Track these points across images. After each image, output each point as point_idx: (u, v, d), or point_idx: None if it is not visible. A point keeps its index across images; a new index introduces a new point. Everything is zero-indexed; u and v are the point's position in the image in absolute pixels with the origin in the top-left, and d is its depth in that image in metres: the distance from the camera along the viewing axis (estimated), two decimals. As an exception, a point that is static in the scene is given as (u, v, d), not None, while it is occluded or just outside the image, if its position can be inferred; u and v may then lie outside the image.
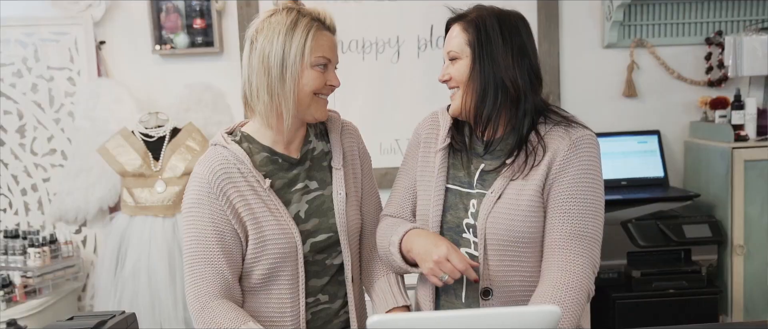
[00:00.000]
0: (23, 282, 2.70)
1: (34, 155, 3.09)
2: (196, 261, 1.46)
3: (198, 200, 1.47)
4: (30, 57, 3.05)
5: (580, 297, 1.36)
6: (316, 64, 1.45)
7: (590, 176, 1.40)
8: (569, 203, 1.39)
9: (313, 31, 1.44)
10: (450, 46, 1.45)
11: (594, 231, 1.40)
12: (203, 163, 1.49)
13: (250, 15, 3.09)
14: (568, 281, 1.36)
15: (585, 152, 1.40)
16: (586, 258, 1.39)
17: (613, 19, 3.03)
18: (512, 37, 1.43)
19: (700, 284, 2.77)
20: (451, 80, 1.46)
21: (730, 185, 2.79)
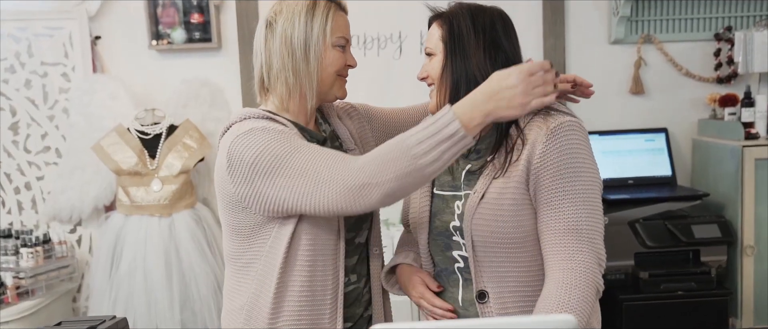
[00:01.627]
0: (15, 283, 2.64)
1: (27, 152, 3.03)
2: (325, 153, 1.36)
3: (286, 134, 1.38)
4: (23, 52, 2.99)
5: (588, 295, 1.30)
6: (336, 44, 1.47)
7: (574, 165, 1.32)
8: (556, 198, 1.32)
9: (332, 12, 1.46)
10: (427, 43, 1.45)
11: (589, 222, 1.33)
12: (265, 129, 1.37)
13: (248, 10, 3.02)
14: (572, 279, 1.30)
15: (564, 139, 1.32)
16: (587, 253, 1.32)
17: (620, 15, 2.96)
18: (485, 32, 1.40)
19: (710, 285, 2.71)
20: (428, 77, 1.44)
21: (740, 184, 2.72)
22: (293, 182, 1.34)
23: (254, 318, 1.43)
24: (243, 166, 1.36)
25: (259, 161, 1.35)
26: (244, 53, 3.05)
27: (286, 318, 1.42)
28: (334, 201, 1.32)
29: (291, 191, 1.34)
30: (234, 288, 1.48)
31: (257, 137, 1.36)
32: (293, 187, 1.34)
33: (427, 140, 1.25)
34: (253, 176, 1.36)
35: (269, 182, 1.35)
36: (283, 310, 1.42)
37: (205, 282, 2.78)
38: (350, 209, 1.32)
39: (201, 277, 2.77)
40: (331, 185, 1.31)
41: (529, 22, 3.05)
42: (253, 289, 1.44)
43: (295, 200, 1.35)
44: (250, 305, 1.44)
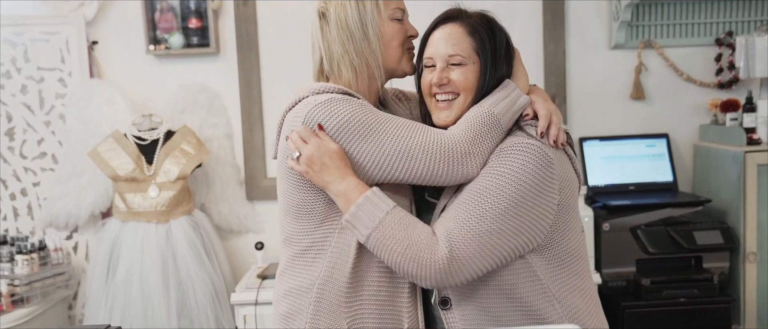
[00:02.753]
0: (10, 291, 2.60)
1: (23, 158, 3.00)
2: (417, 123, 1.38)
3: (360, 107, 1.37)
4: (19, 57, 2.96)
5: (413, 237, 1.30)
6: (393, 17, 1.46)
7: (506, 182, 1.29)
8: (470, 195, 1.32)
9: None
10: (453, 50, 1.39)
11: (487, 230, 1.28)
12: (346, 99, 1.37)
13: (247, 15, 3.00)
14: (427, 227, 1.34)
15: (507, 157, 1.32)
16: (454, 241, 1.29)
17: (620, 19, 2.95)
18: (504, 44, 1.42)
19: (712, 292, 2.69)
20: (449, 84, 1.39)
21: (742, 190, 2.70)
22: (387, 148, 1.34)
23: (327, 295, 1.38)
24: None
25: (344, 127, 1.34)
26: (243, 58, 3.03)
27: (364, 297, 1.38)
28: (431, 169, 1.34)
29: (382, 160, 1.34)
30: (301, 268, 1.42)
31: (341, 105, 1.35)
32: (387, 153, 1.34)
33: (509, 112, 1.37)
34: (340, 141, 1.34)
35: (356, 147, 1.35)
36: (360, 288, 1.38)
37: (203, 289, 2.75)
38: (447, 178, 1.35)
39: (198, 284, 2.74)
40: (428, 153, 1.33)
41: (530, 26, 3.03)
42: (326, 265, 1.38)
43: (386, 169, 1.35)
44: (322, 282, 1.38)
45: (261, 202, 3.10)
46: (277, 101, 3.03)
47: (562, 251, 1.37)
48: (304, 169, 1.35)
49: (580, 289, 1.40)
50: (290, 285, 1.43)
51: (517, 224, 1.30)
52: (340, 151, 1.34)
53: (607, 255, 2.73)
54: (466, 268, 1.29)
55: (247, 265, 3.06)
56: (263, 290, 2.61)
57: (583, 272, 1.42)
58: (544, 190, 1.31)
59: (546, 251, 1.36)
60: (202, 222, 2.90)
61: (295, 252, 1.43)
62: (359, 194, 1.32)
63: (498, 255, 1.31)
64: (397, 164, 1.34)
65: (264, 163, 3.08)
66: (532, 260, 1.35)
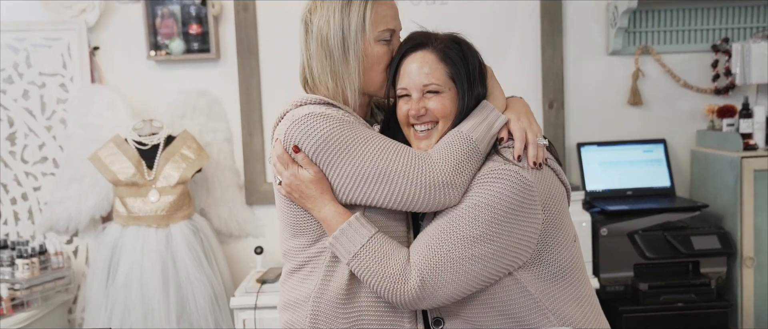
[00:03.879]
0: (10, 295, 2.62)
1: (24, 163, 3.02)
2: (398, 145, 1.35)
3: (349, 123, 1.34)
4: (21, 63, 2.98)
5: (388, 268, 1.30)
6: (379, 38, 1.37)
7: (482, 210, 1.28)
8: (447, 221, 1.30)
9: (371, 3, 1.36)
10: (428, 79, 1.35)
11: (458, 257, 1.28)
12: (324, 115, 1.31)
13: (247, 21, 3.03)
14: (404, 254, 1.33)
15: (483, 185, 1.30)
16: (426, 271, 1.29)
17: (618, 26, 2.97)
18: (476, 64, 1.40)
19: (710, 297, 2.70)
20: (427, 114, 1.37)
21: (739, 195, 2.72)
22: (365, 169, 1.30)
23: (323, 306, 1.37)
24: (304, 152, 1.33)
25: (321, 147, 1.30)
26: (243, 64, 3.05)
27: (362, 309, 1.38)
28: (411, 195, 1.30)
29: (360, 181, 1.30)
30: (298, 281, 1.42)
31: (318, 123, 1.31)
32: (364, 175, 1.30)
33: (486, 136, 1.34)
34: (317, 160, 1.32)
35: (334, 168, 1.31)
36: (356, 301, 1.37)
37: (203, 293, 2.76)
38: (425, 206, 1.32)
39: (198, 288, 2.75)
40: (409, 179, 1.30)
41: (527, 33, 3.06)
42: (321, 279, 1.38)
43: (363, 190, 1.31)
44: (317, 294, 1.37)
45: (260, 206, 3.11)
46: (277, 107, 3.02)
47: (554, 265, 1.36)
48: (286, 194, 1.38)
49: (576, 298, 1.39)
50: (288, 297, 1.44)
51: (493, 248, 1.29)
52: (316, 177, 1.33)
53: (605, 259, 2.74)
54: (439, 294, 1.30)
55: (246, 269, 3.08)
56: (263, 294, 2.63)
57: (579, 280, 1.41)
58: (522, 213, 1.30)
59: (536, 267, 1.35)
60: (202, 227, 2.91)
61: (293, 266, 1.44)
62: (340, 221, 1.32)
63: (474, 280, 1.30)
64: (374, 186, 1.31)
65: (263, 168, 3.09)
66: (520, 276, 1.34)
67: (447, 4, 3.05)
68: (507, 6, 3.04)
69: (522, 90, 3.07)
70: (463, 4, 3.04)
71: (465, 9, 3.04)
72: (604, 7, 3.07)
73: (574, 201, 2.75)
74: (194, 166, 2.85)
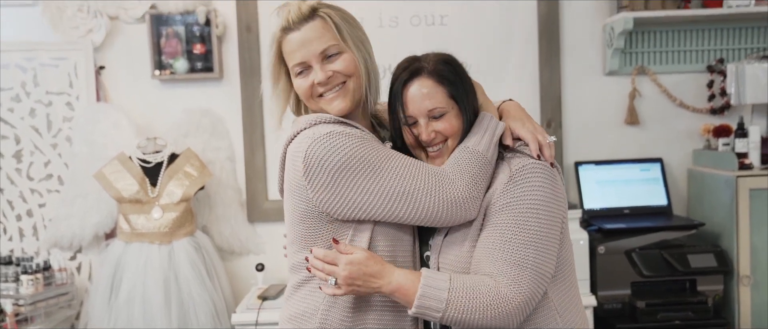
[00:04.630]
0: (15, 310, 2.65)
1: (30, 180, 3.06)
2: (417, 162, 1.41)
3: (369, 141, 1.39)
4: (29, 82, 3.04)
5: (484, 298, 1.30)
6: (295, 73, 1.45)
7: (533, 208, 1.35)
8: (507, 231, 1.35)
9: (277, 44, 1.45)
10: (431, 104, 1.41)
11: (537, 261, 1.33)
12: (345, 133, 1.37)
13: (250, 41, 3.08)
14: (492, 285, 1.33)
15: (522, 183, 1.36)
16: (524, 285, 1.32)
17: (614, 47, 3.02)
18: (467, 76, 1.48)
19: (707, 315, 2.72)
20: (438, 135, 1.43)
21: (735, 214, 2.74)
22: (390, 188, 1.35)
23: (331, 318, 1.40)
24: (325, 171, 1.35)
25: (346, 165, 1.34)
26: (246, 83, 3.10)
27: (368, 319, 1.41)
28: (435, 212, 1.36)
29: (386, 199, 1.35)
30: (306, 293, 1.44)
31: (340, 141, 1.35)
32: (389, 195, 1.35)
33: (491, 144, 1.41)
34: (338, 180, 1.34)
35: (358, 186, 1.35)
36: (364, 310, 1.41)
37: (204, 309, 2.79)
38: (446, 221, 1.38)
39: (200, 304, 2.78)
40: (432, 197, 1.35)
41: (526, 54, 3.11)
42: (328, 296, 1.41)
43: (389, 208, 1.35)
44: (327, 306, 1.40)
45: (262, 224, 3.15)
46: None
47: (562, 263, 1.43)
48: (347, 290, 1.35)
49: (574, 302, 1.46)
50: (295, 309, 1.46)
51: (553, 240, 1.37)
52: (370, 253, 1.36)
53: (603, 277, 2.77)
54: (535, 300, 1.35)
55: (247, 286, 3.10)
56: (264, 311, 2.65)
57: (575, 283, 1.49)
58: (558, 200, 1.39)
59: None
60: (204, 244, 2.95)
61: (301, 279, 1.47)
62: (415, 284, 1.32)
63: (549, 276, 1.37)
64: (399, 204, 1.36)
65: (265, 186, 3.13)
66: None
67: (446, 25, 3.10)
68: (505, 27, 3.10)
69: (520, 110, 3.12)
70: (462, 26, 3.10)
71: (464, 30, 3.10)
72: (601, 28, 3.12)
73: (572, 219, 2.78)
74: (197, 183, 2.89)
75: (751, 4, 2.91)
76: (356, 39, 1.45)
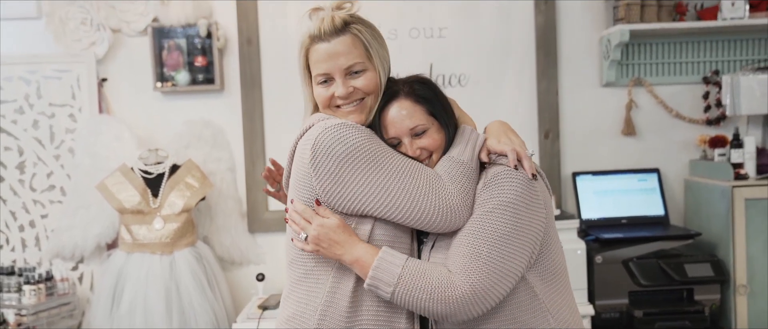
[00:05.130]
0: (17, 320, 2.67)
1: (33, 191, 3.09)
2: (419, 165, 1.45)
3: (369, 137, 1.43)
4: (32, 94, 3.08)
5: (433, 282, 1.36)
6: (318, 82, 1.48)
7: (497, 208, 1.39)
8: (468, 227, 1.40)
9: (305, 50, 1.49)
10: (412, 123, 1.47)
11: (488, 256, 1.37)
12: (355, 126, 1.42)
13: (250, 53, 3.12)
14: (440, 273, 1.38)
15: (494, 187, 1.41)
16: (473, 274, 1.36)
17: (611, 59, 3.06)
18: (441, 93, 1.54)
19: (704, 324, 2.74)
20: (423, 151, 1.49)
21: (731, 223, 2.77)
22: (388, 184, 1.39)
23: (329, 319, 1.43)
24: (331, 158, 1.38)
25: (352, 154, 1.38)
26: (246, 95, 3.14)
27: (363, 319, 1.43)
28: (428, 214, 1.39)
29: (384, 194, 1.39)
30: (303, 293, 1.47)
31: (349, 132, 1.40)
32: (388, 190, 1.39)
33: (474, 154, 1.47)
34: (342, 168, 1.38)
35: (360, 177, 1.38)
36: (359, 310, 1.43)
37: (205, 319, 2.81)
38: (437, 225, 1.41)
39: (201, 314, 2.80)
40: (429, 199, 1.39)
41: (523, 65, 3.14)
42: (328, 290, 1.44)
43: (386, 203, 1.39)
44: (324, 306, 1.43)
45: (262, 234, 3.17)
46: (279, 137, 3.13)
47: (551, 265, 1.47)
48: (313, 248, 1.43)
49: (568, 303, 1.49)
50: (294, 310, 1.48)
51: (522, 242, 1.39)
52: (342, 222, 1.41)
53: (600, 287, 2.79)
54: (488, 295, 1.37)
55: (248, 296, 3.12)
56: (264, 320, 2.67)
57: (567, 285, 1.52)
58: (532, 207, 1.42)
59: (539, 266, 1.45)
60: (205, 254, 2.97)
61: (299, 275, 1.49)
62: (372, 257, 1.39)
63: (511, 277, 1.39)
64: (397, 202, 1.39)
65: (265, 197, 3.16)
66: (528, 276, 1.44)
67: (445, 38, 3.14)
68: (503, 39, 3.14)
69: (518, 121, 3.18)
70: (460, 38, 3.14)
71: (462, 42, 3.14)
72: (598, 40, 3.16)
73: (570, 229, 2.81)
74: (198, 194, 2.92)
75: (745, 17, 2.95)
76: (381, 58, 1.49)
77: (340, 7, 1.47)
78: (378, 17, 3.10)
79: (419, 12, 3.13)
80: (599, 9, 3.15)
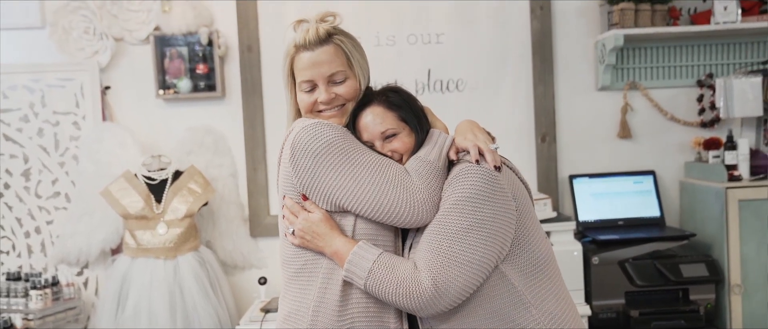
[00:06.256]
0: (24, 325, 2.72)
1: (38, 197, 3.14)
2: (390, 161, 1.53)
3: (343, 134, 1.51)
4: (37, 102, 3.12)
5: (400, 276, 1.43)
6: (302, 89, 1.57)
7: (456, 204, 1.45)
8: (431, 225, 1.47)
9: (290, 59, 1.58)
10: (383, 127, 1.55)
11: (449, 250, 1.42)
12: (330, 125, 1.51)
13: (251, 61, 3.17)
14: (409, 263, 1.46)
15: (457, 183, 1.47)
16: (431, 269, 1.42)
17: (606, 63, 3.10)
18: (413, 99, 1.62)
19: (699, 323, 2.78)
20: (394, 154, 1.56)
21: (725, 224, 2.81)
22: (359, 177, 1.47)
23: (321, 316, 1.49)
24: (307, 154, 1.48)
25: (326, 150, 1.47)
26: (247, 102, 3.18)
27: (354, 315, 1.49)
28: (395, 207, 1.46)
29: (355, 187, 1.46)
30: (296, 291, 1.54)
31: (324, 130, 1.49)
32: (359, 183, 1.46)
33: (441, 155, 1.54)
34: (318, 163, 1.47)
35: (333, 172, 1.47)
36: (349, 307, 1.49)
37: (208, 322, 2.85)
38: (406, 219, 1.48)
39: (204, 317, 2.85)
40: (398, 191, 1.47)
41: (520, 70, 3.19)
42: (318, 287, 1.51)
43: (357, 196, 1.46)
44: (316, 303, 1.50)
45: (264, 239, 3.22)
46: (280, 142, 3.14)
47: (532, 257, 1.51)
48: (300, 241, 1.53)
49: (554, 294, 1.53)
50: (289, 308, 1.55)
51: (484, 234, 1.44)
52: (325, 216, 1.51)
53: (597, 287, 2.83)
54: (452, 289, 1.42)
55: (250, 299, 3.17)
56: (266, 323, 2.72)
57: (555, 276, 1.55)
58: (497, 199, 1.46)
59: (516, 258, 1.49)
60: (208, 258, 3.01)
61: (291, 273, 1.57)
62: (349, 250, 1.48)
63: (476, 270, 1.44)
64: (368, 195, 1.47)
65: (267, 201, 3.21)
66: (505, 269, 1.48)
67: (442, 44, 3.19)
68: (500, 45, 3.18)
69: (515, 125, 3.22)
70: (457, 44, 3.18)
71: (460, 48, 3.19)
72: (593, 45, 3.21)
73: (567, 231, 2.85)
74: (201, 200, 2.97)
75: (737, 21, 3.00)
76: (361, 67, 1.59)
77: (323, 19, 1.56)
78: (377, 24, 3.16)
79: (417, 19, 3.17)
80: (594, 14, 3.19)
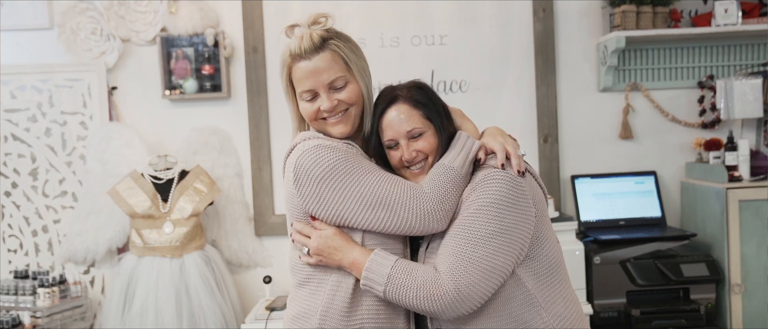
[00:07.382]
0: (32, 322, 2.75)
1: (45, 197, 3.17)
2: (395, 177, 1.53)
3: (353, 154, 1.51)
4: (44, 102, 3.16)
5: (420, 280, 1.45)
6: (303, 99, 1.56)
7: (481, 209, 1.46)
8: (454, 229, 1.48)
9: (287, 68, 1.56)
10: (409, 126, 1.55)
11: (472, 254, 1.44)
12: (331, 146, 1.50)
13: (256, 61, 3.20)
14: (428, 267, 1.47)
15: (481, 188, 1.48)
16: (459, 275, 1.43)
17: (608, 64, 3.13)
18: (437, 98, 1.61)
19: (700, 322, 2.80)
20: (419, 154, 1.56)
21: (725, 224, 2.84)
22: (365, 197, 1.47)
23: (330, 318, 1.51)
24: (310, 179, 1.48)
25: (328, 175, 1.47)
26: (253, 102, 3.21)
27: (364, 318, 1.51)
28: (407, 222, 1.48)
29: (362, 207, 1.47)
30: (305, 295, 1.56)
31: (325, 153, 1.48)
32: (366, 203, 1.47)
33: (466, 161, 1.53)
34: (321, 188, 1.47)
35: (339, 195, 1.47)
36: (359, 310, 1.51)
37: (214, 320, 2.88)
38: (418, 230, 1.49)
39: (210, 316, 2.88)
40: (406, 208, 1.47)
41: (523, 72, 3.22)
42: (328, 292, 1.52)
43: (365, 215, 1.47)
44: (325, 306, 1.51)
45: (269, 238, 3.25)
46: (285, 142, 3.20)
47: (545, 261, 1.53)
48: (317, 259, 1.53)
49: (563, 297, 1.55)
50: (297, 310, 1.57)
51: (507, 240, 1.46)
52: (338, 230, 1.52)
53: (599, 287, 2.86)
54: (474, 294, 1.45)
55: (255, 298, 3.20)
56: (271, 321, 2.75)
57: (564, 280, 1.58)
58: (518, 204, 1.48)
59: (531, 262, 1.52)
60: (214, 257, 3.05)
61: (300, 279, 1.58)
62: (366, 259, 1.49)
63: (497, 275, 1.46)
64: (375, 212, 1.48)
65: (272, 201, 3.24)
66: (520, 272, 1.50)
67: (446, 45, 3.22)
68: (503, 46, 3.21)
69: (518, 125, 3.25)
70: (461, 45, 3.21)
71: (463, 50, 3.22)
72: (595, 46, 3.24)
73: (569, 231, 2.88)
74: (206, 199, 3.00)
75: (738, 23, 3.03)
76: (360, 69, 1.57)
77: (315, 22, 1.54)
78: (380, 25, 3.19)
79: (420, 20, 3.20)
80: (596, 16, 3.22)
